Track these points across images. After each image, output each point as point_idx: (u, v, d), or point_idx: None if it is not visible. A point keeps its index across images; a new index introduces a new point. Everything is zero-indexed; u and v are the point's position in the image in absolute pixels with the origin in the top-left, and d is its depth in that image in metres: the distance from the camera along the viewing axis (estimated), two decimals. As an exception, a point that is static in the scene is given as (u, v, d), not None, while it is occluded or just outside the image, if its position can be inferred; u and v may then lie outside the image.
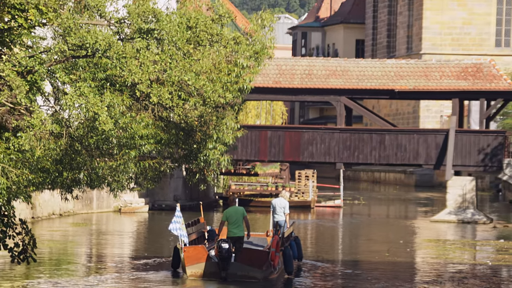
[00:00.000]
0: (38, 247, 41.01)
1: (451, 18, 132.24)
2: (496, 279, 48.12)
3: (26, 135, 38.20)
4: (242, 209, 44.33)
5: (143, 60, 41.07)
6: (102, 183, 42.62)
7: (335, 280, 47.58)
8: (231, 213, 43.89)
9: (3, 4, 38.40)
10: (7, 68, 38.08)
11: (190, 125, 43.26)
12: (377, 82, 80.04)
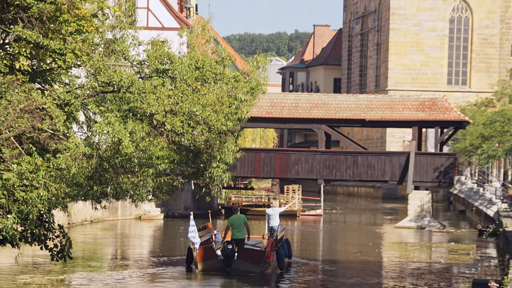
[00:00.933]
0: (73, 248, 40.65)
1: (411, 61, 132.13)
2: (448, 274, 48.31)
3: (64, 156, 37.84)
4: (244, 216, 45.36)
5: (159, 95, 40.80)
6: (125, 195, 42.59)
7: (318, 275, 48.46)
8: (235, 220, 44.70)
9: (46, 49, 38.03)
10: (49, 101, 37.77)
11: (197, 148, 42.90)
12: (351, 113, 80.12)
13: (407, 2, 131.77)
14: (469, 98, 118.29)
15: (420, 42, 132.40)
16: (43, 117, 36.78)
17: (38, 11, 37.34)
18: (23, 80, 37.75)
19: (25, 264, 45.28)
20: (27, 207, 36.26)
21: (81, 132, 41.13)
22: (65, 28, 38.51)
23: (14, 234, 37.61)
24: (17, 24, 37.58)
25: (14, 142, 36.06)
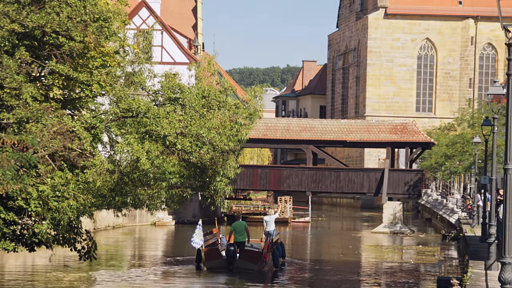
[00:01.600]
0: (97, 249, 40.60)
1: (385, 91, 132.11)
2: (416, 273, 48.26)
3: (90, 172, 37.78)
4: (244, 223, 46.05)
5: (171, 119, 40.74)
6: (142, 204, 42.57)
7: (306, 272, 48.47)
8: (237, 225, 45.31)
9: (75, 81, 38.01)
10: (78, 125, 37.69)
11: (204, 165, 42.84)
12: (334, 135, 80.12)
13: (382, 42, 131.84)
14: (434, 123, 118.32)
15: (392, 75, 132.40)
16: (72, 138, 36.77)
17: (69, 48, 37.35)
18: (56, 107, 37.74)
19: (57, 263, 45.21)
20: (59, 214, 36.22)
21: (105, 151, 41.14)
22: (92, 63, 38.53)
23: (48, 237, 37.57)
24: (51, 59, 37.58)
25: (48, 160, 36.04)
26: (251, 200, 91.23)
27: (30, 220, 37.11)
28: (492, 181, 40.01)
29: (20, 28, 35.99)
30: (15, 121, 35.60)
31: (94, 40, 37.44)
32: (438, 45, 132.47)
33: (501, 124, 49.05)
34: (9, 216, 35.16)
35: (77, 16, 36.57)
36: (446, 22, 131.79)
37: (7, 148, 33.24)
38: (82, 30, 36.66)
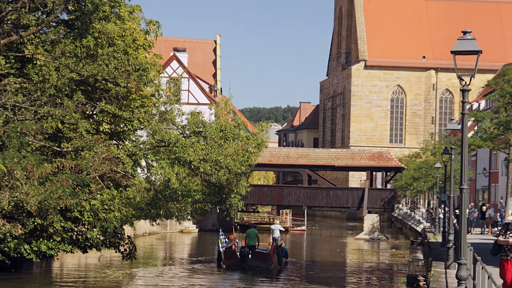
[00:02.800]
0: (137, 251, 40.60)
1: (365, 126, 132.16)
2: (390, 271, 48.05)
3: (131, 189, 37.75)
4: (256, 230, 47.11)
5: (196, 148, 40.74)
6: (172, 216, 42.59)
7: (303, 270, 48.29)
8: (250, 232, 46.29)
9: (120, 118, 37.99)
10: (121, 153, 37.64)
11: (221, 184, 42.80)
12: (325, 161, 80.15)
13: (363, 88, 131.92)
14: (404, 152, 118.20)
15: (371, 114, 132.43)
16: (117, 163, 36.77)
17: (115, 92, 37.44)
18: (105, 138, 37.76)
19: (105, 262, 45.10)
20: (107, 223, 36.21)
21: (143, 173, 41.22)
22: (133, 103, 38.60)
23: (98, 241, 37.55)
24: (101, 101, 37.65)
25: (98, 180, 36.02)
26: (259, 213, 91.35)
27: (83, 227, 37.13)
28: (450, 198, 39.91)
29: (77, 77, 36.09)
30: (72, 149, 35.66)
31: (135, 86, 37.54)
32: (407, 90, 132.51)
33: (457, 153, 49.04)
34: (67, 224, 35.19)
35: (122, 67, 36.69)
36: (413, 72, 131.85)
37: (66, 170, 33.27)
38: (126, 78, 36.77)
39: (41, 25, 37.44)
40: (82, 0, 37.43)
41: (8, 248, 33.67)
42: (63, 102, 35.25)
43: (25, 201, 31.03)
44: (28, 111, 34.63)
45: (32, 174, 31.60)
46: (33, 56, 36.71)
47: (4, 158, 30.37)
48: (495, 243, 17.76)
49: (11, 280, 34.64)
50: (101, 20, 38.20)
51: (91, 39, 37.17)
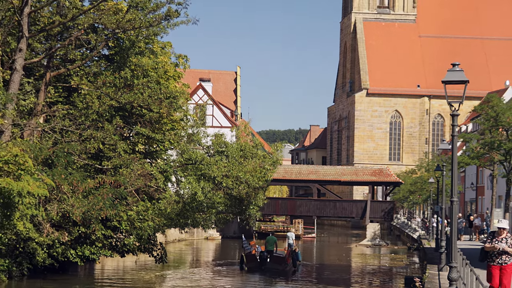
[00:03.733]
0: (167, 256, 40.58)
1: (367, 146, 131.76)
2: (389, 273, 47.96)
3: (163, 202, 37.81)
4: (275, 237, 47.25)
5: (219, 166, 40.81)
6: (198, 225, 42.52)
7: (314, 272, 48.29)
8: (269, 239, 46.34)
9: (153, 139, 38.09)
10: (154, 170, 37.68)
11: (241, 197, 42.83)
12: (332, 177, 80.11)
13: (365, 113, 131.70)
14: (402, 169, 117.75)
15: (372, 135, 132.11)
16: (151, 179, 36.84)
17: (149, 117, 37.56)
18: (140, 157, 37.87)
19: (140, 265, 45.11)
20: (142, 231, 36.23)
21: (173, 188, 41.23)
22: (164, 127, 38.72)
23: (134, 247, 37.58)
24: (137, 125, 37.78)
25: (134, 193, 36.09)
26: (274, 222, 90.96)
27: (121, 235, 37.17)
28: (442, 209, 39.75)
29: (116, 104, 36.25)
30: (112, 167, 35.76)
31: (166, 111, 37.65)
32: (403, 115, 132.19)
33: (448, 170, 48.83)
34: (107, 232, 35.22)
35: (155, 95, 36.81)
36: (409, 99, 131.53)
37: (107, 185, 33.36)
38: (158, 105, 36.88)
39: (85, 59, 37.67)
40: (121, 37, 37.65)
41: (57, 253, 33.77)
42: (104, 126, 35.39)
43: (71, 212, 31.13)
44: (74, 134, 34.80)
45: (77, 189, 31.71)
46: (78, 86, 36.93)
47: (53, 174, 30.50)
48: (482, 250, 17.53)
49: (59, 281, 34.70)
50: (137, 54, 38.39)
51: (128, 71, 37.33)
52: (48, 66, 36.05)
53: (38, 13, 35.87)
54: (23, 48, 32.56)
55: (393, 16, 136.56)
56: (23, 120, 33.44)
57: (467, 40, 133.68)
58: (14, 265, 32.86)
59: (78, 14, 34.84)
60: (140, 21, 35.18)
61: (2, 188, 24.70)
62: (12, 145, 27.52)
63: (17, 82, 32.65)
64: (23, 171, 25.71)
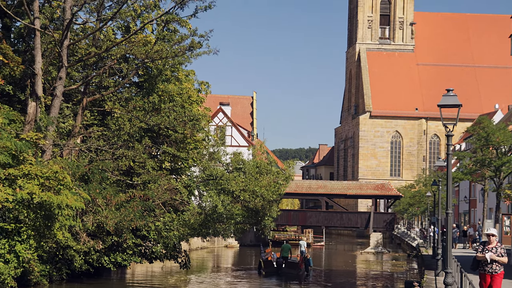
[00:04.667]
0: (191, 262, 40.48)
1: (371, 163, 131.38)
2: (391, 277, 47.48)
3: (187, 213, 37.76)
4: (289, 245, 47.18)
5: (237, 181, 40.74)
6: (219, 234, 42.39)
7: (323, 276, 47.57)
8: (284, 247, 46.50)
9: (178, 158, 38.12)
10: (179, 185, 37.67)
11: (257, 209, 42.68)
12: (339, 191, 79.86)
13: (368, 133, 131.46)
14: (402, 184, 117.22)
15: (375, 153, 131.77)
16: (176, 193, 36.86)
17: (174, 138, 37.65)
18: (166, 174, 37.91)
19: (166, 270, 45.06)
20: (168, 240, 36.21)
21: (196, 201, 41.17)
22: (188, 146, 38.76)
23: (161, 254, 37.54)
24: (163, 144, 37.86)
25: (161, 206, 36.11)
26: (287, 231, 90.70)
27: (150, 243, 37.16)
28: (438, 220, 39.58)
29: (145, 126, 36.38)
30: (141, 182, 35.83)
31: (190, 133, 37.74)
32: (403, 135, 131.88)
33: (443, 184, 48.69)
34: (137, 241, 35.23)
35: (180, 118, 36.92)
36: (408, 121, 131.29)
37: (136, 199, 33.40)
38: (183, 126, 36.97)
39: (118, 86, 37.86)
40: (149, 66, 37.84)
41: (92, 259, 33.81)
42: (134, 145, 35.50)
43: (105, 222, 31.18)
44: (107, 153, 34.90)
45: (110, 202, 31.77)
46: (111, 110, 37.09)
47: (89, 189, 30.59)
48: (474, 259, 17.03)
49: (95, 285, 34.73)
50: (164, 81, 38.57)
51: (156, 96, 37.48)
52: (85, 92, 36.25)
53: (76, 45, 36.12)
54: (62, 76, 32.77)
55: (393, 46, 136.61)
56: (62, 141, 33.60)
57: (460, 67, 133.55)
58: (54, 270, 32.93)
59: (111, 46, 35.05)
60: (166, 52, 35.34)
61: (43, 201, 24.79)
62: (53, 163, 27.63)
63: (57, 106, 32.83)
64: (62, 186, 25.78)
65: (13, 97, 34.55)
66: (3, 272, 24.98)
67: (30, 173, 25.44)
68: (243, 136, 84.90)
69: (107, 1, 35.94)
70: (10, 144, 25.36)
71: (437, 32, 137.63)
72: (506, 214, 49.01)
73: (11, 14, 32.70)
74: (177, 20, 36.29)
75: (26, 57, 34.81)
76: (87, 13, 36.12)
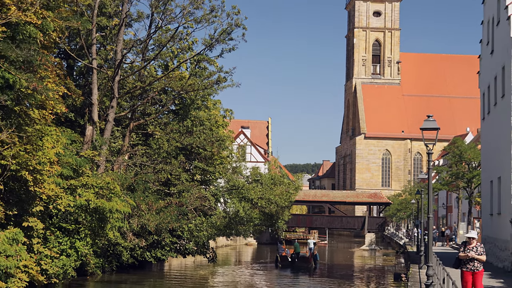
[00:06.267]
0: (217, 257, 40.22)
1: (365, 176, 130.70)
2: (382, 270, 46.85)
3: (214, 217, 37.64)
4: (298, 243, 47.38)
5: (255, 190, 40.61)
6: (240, 234, 42.21)
7: (328, 269, 46.97)
8: (296, 245, 46.30)
9: (207, 171, 38.10)
10: (208, 193, 37.58)
11: (272, 214, 42.62)
12: (339, 199, 79.67)
13: (363, 151, 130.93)
14: (391, 193, 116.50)
15: (369, 168, 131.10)
16: (205, 200, 36.82)
17: (204, 155, 37.67)
18: (197, 184, 37.90)
19: (197, 263, 44.94)
20: (198, 239, 36.14)
21: (221, 207, 41.09)
22: (215, 162, 38.73)
23: (193, 250, 37.46)
24: (195, 160, 37.89)
25: (193, 211, 36.07)
26: (296, 232, 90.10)
27: (183, 241, 37.11)
28: (421, 223, 39.26)
29: (180, 145, 36.47)
30: (177, 191, 35.85)
31: (216, 151, 37.77)
32: (392, 153, 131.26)
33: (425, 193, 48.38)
34: (173, 239, 35.22)
35: (208, 139, 37.00)
36: (396, 141, 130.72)
37: (173, 205, 33.43)
38: (211, 146, 37.04)
39: (158, 113, 38.04)
40: (184, 97, 38.01)
41: (137, 254, 33.83)
42: (171, 161, 35.59)
43: (147, 224, 31.21)
44: (149, 167, 35.00)
45: (152, 207, 31.82)
46: (153, 132, 37.24)
47: (134, 197, 30.66)
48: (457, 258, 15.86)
49: (139, 275, 34.72)
50: (196, 109, 38.71)
51: (189, 121, 37.62)
52: (132, 118, 36.45)
53: (125, 80, 36.39)
54: (114, 105, 32.99)
55: (383, 80, 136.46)
56: (113, 157, 33.77)
57: (438, 98, 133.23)
58: (106, 263, 32.98)
59: (153, 80, 35.29)
60: (198, 85, 35.53)
61: (98, 207, 24.90)
62: (105, 175, 27.76)
63: (110, 130, 33.04)
64: (113, 194, 25.89)
65: (74, 122, 34.83)
66: (65, 264, 25.09)
67: (87, 183, 25.60)
68: (260, 154, 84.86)
69: (150, 45, 36.28)
70: (72, 160, 25.55)
71: (419, 69, 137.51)
72: (477, 218, 48.75)
73: (74, 56, 33.06)
74: (207, 60, 36.57)
75: (85, 90, 35.11)
76: (134, 54, 36.53)
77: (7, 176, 19.44)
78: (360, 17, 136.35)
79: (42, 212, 23.24)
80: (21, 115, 18.96)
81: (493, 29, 31.36)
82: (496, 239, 28.49)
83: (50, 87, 19.86)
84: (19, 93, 18.13)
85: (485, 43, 33.98)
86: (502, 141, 27.70)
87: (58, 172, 23.22)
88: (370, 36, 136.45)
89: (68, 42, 34.74)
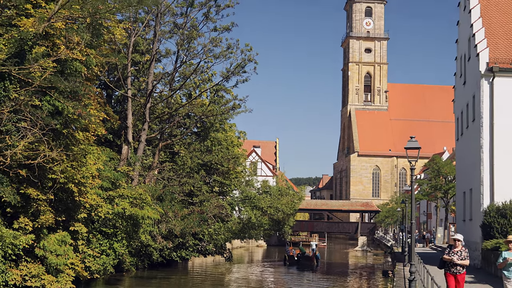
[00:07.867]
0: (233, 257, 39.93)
1: (359, 189, 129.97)
2: (372, 268, 46.30)
3: (230, 223, 37.46)
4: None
5: (265, 200, 40.42)
6: (252, 237, 41.91)
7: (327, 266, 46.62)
8: (301, 247, 46.12)
9: (224, 184, 38.02)
10: (225, 203, 37.46)
11: (279, 220, 42.43)
12: (336, 207, 79.30)
13: (356, 167, 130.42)
14: (380, 202, 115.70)
15: (362, 181, 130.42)
16: (222, 208, 36.72)
17: (221, 170, 37.63)
18: (216, 195, 37.84)
19: (216, 262, 44.76)
20: (217, 241, 35.99)
21: (236, 214, 40.97)
22: (231, 176, 38.64)
23: (212, 251, 37.29)
24: (213, 174, 37.87)
25: (212, 217, 35.95)
26: (300, 235, 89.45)
27: (204, 243, 37.00)
28: (405, 227, 39.00)
29: (201, 162, 36.51)
30: (198, 201, 35.81)
31: (232, 167, 37.77)
32: (381, 168, 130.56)
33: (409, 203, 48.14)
34: (196, 241, 35.09)
35: (226, 157, 37.03)
36: (384, 158, 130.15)
37: (195, 212, 33.40)
38: (227, 162, 37.06)
39: (183, 134, 38.18)
40: (204, 121, 38.16)
41: (165, 254, 33.77)
42: (194, 175, 35.63)
43: (174, 229, 31.21)
44: (175, 181, 35.07)
45: (177, 214, 31.83)
46: (178, 151, 37.37)
47: (163, 206, 30.72)
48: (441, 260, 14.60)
49: (167, 272, 34.66)
50: (215, 131, 38.83)
51: (209, 141, 37.73)
52: (160, 139, 36.64)
53: (155, 107, 36.65)
54: (145, 128, 33.20)
55: (373, 106, 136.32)
56: (145, 172, 33.90)
57: (420, 121, 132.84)
58: (139, 261, 32.96)
59: (179, 107, 35.51)
60: (216, 111, 35.73)
61: (132, 214, 24.99)
62: (138, 187, 27.87)
63: (142, 149, 33.22)
64: (145, 203, 25.98)
65: (112, 143, 35.05)
66: (105, 262, 25.15)
67: (123, 194, 25.71)
68: (269, 169, 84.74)
69: (176, 77, 36.56)
70: (110, 174, 25.70)
71: (404, 97, 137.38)
72: (452, 223, 48.43)
73: (112, 86, 33.39)
74: (224, 89, 36.75)
75: (121, 115, 35.37)
76: (162, 85, 36.81)
77: (57, 188, 19.63)
78: (353, 53, 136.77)
79: (85, 218, 23.35)
80: (68, 137, 19.19)
81: (465, 64, 31.46)
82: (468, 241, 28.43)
83: (92, 113, 20.13)
84: (67, 118, 18.39)
85: (458, 75, 34.06)
86: (473, 158, 27.77)
87: (99, 185, 23.38)
88: (362, 69, 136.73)
89: (108, 75, 35.11)
